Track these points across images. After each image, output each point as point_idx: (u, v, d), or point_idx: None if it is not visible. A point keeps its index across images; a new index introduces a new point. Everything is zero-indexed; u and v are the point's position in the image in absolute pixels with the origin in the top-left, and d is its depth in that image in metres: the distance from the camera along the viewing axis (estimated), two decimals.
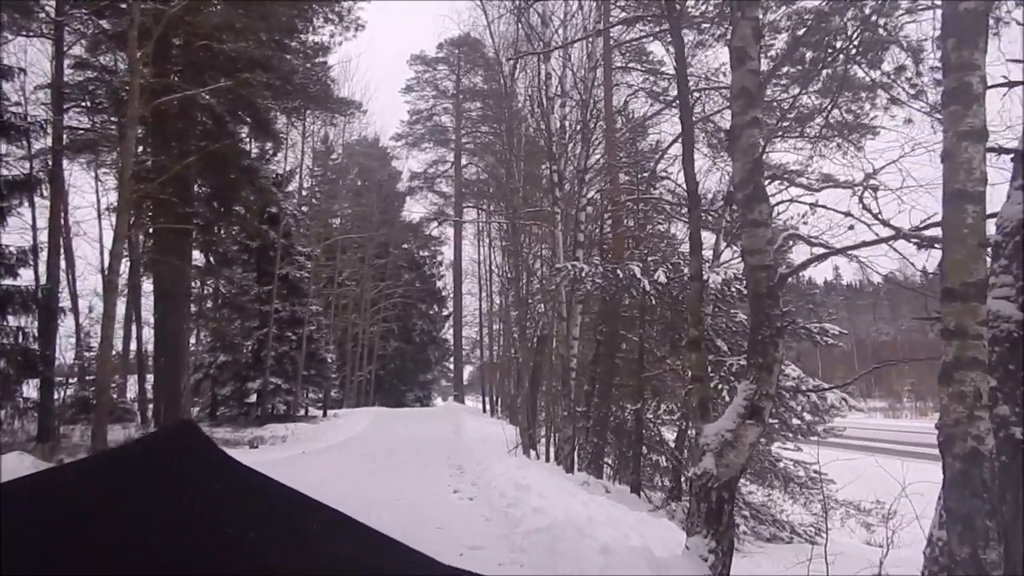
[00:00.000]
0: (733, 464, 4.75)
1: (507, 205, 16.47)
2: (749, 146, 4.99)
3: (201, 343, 26.24)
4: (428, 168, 45.91)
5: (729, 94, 5.29)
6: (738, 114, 5.07)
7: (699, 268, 5.29)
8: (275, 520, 0.73)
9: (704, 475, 4.75)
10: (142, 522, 0.65)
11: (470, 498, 7.26)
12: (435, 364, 45.88)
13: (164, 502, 0.68)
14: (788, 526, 9.85)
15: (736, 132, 5.05)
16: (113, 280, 11.96)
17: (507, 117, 15.15)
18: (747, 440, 4.73)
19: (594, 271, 9.72)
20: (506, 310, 28.91)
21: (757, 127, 5.07)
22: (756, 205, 4.94)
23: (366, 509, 6.67)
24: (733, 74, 5.18)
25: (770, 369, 4.76)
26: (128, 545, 0.63)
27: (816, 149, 10.26)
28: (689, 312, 5.36)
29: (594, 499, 7.17)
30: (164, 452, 0.77)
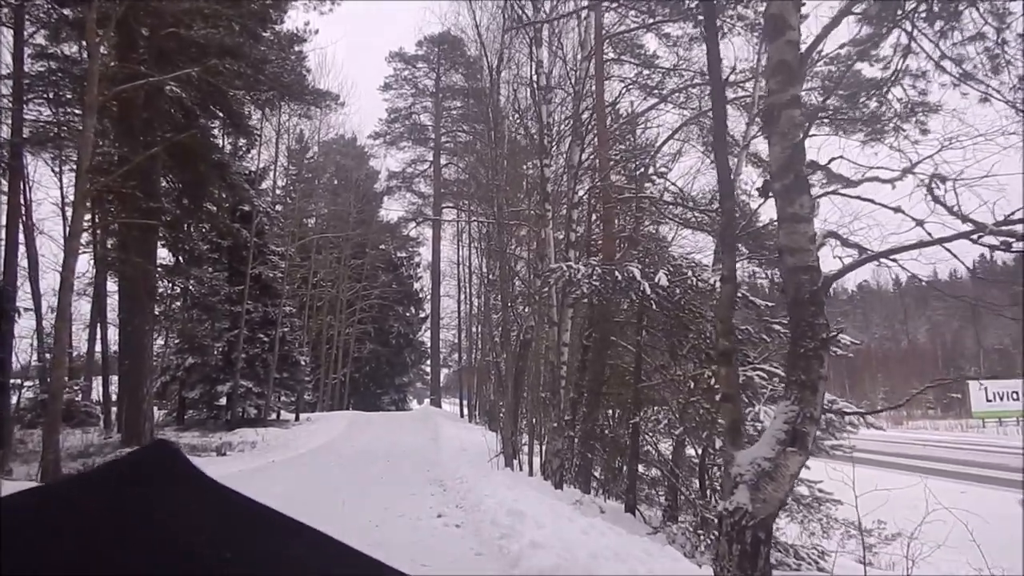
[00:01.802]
0: (771, 499, 4.07)
1: (491, 204, 15.73)
2: (789, 128, 4.33)
3: (169, 345, 25.27)
4: (407, 167, 45.13)
5: (765, 70, 4.62)
6: (776, 92, 4.41)
7: (733, 268, 4.61)
8: (255, 543, 0.69)
9: (737, 512, 4.07)
10: (116, 548, 0.62)
11: (457, 525, 6.47)
12: (411, 367, 45.12)
13: (139, 527, 0.64)
14: (791, 550, 9.22)
15: (773, 112, 4.38)
16: (68, 278, 11.04)
17: (492, 111, 14.41)
18: (788, 471, 4.06)
19: (590, 272, 9.04)
20: (486, 313, 28.21)
21: (797, 107, 4.41)
22: (796, 197, 4.27)
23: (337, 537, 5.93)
24: (769, 47, 4.52)
25: (814, 388, 4.09)
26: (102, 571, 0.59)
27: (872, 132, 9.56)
28: (719, 319, 4.68)
29: (592, 524, 6.48)
30: (139, 474, 0.71)
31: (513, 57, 14.95)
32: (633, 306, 9.95)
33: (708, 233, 13.47)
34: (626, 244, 13.49)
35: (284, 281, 25.53)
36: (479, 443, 18.48)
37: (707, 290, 8.70)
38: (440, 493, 8.51)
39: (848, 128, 11.38)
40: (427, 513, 7.05)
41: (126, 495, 0.69)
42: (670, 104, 14.23)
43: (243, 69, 15.84)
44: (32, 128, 17.73)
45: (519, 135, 20.10)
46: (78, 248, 11.44)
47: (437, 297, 42.57)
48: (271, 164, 28.01)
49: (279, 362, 24.35)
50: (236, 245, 23.23)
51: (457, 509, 7.21)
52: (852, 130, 11.39)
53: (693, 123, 13.93)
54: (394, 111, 44.91)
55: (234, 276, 23.51)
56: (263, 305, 24.28)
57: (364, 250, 38.26)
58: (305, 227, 32.92)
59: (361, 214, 36.29)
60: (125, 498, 0.69)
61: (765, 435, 4.24)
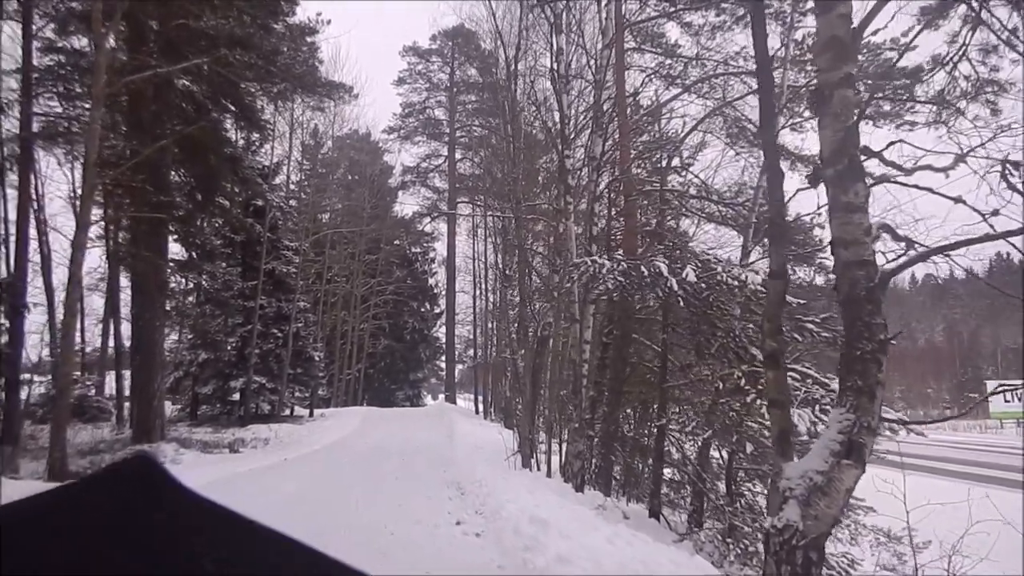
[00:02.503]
0: (824, 516, 3.70)
1: (509, 198, 15.36)
2: (842, 109, 3.94)
3: (183, 340, 25.10)
4: (421, 162, 44.78)
5: (814, 45, 4.23)
6: (826, 70, 4.02)
7: (783, 262, 4.23)
8: (242, 559, 0.69)
9: (787, 529, 3.70)
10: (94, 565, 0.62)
11: (476, 534, 6.09)
12: (426, 363, 44.89)
13: (118, 543, 0.64)
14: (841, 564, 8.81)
15: (825, 92, 3.99)
16: (76, 273, 10.80)
17: (509, 102, 14.00)
18: (843, 485, 3.69)
19: (616, 267, 8.65)
20: (502, 308, 27.88)
21: (850, 86, 4.02)
22: (851, 184, 3.89)
23: (349, 547, 5.61)
24: (819, 20, 4.13)
25: (871, 394, 3.71)
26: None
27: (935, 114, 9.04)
28: (767, 318, 4.30)
29: (617, 533, 6.12)
30: (117, 490, 0.71)
31: (530, 48, 14.62)
32: (658, 303, 9.54)
33: (732, 227, 13.09)
34: (648, 239, 13.07)
35: (298, 276, 25.29)
36: (495, 441, 18.15)
37: (736, 287, 8.31)
38: (458, 497, 8.16)
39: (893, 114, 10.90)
40: (445, 519, 6.70)
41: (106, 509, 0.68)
42: (693, 94, 13.81)
43: (254, 60, 15.55)
44: (42, 123, 17.56)
45: (535, 128, 19.73)
46: (86, 242, 11.18)
47: (452, 293, 42.29)
48: (284, 159, 27.76)
49: (293, 358, 24.14)
50: (249, 240, 23.03)
51: (476, 515, 6.84)
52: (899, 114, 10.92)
53: (717, 114, 13.51)
54: (408, 105, 44.65)
55: (247, 271, 23.31)
56: (277, 300, 24.07)
57: (378, 245, 38.03)
58: (319, 222, 32.70)
59: (375, 209, 36.07)
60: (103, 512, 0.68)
61: (817, 446, 3.87)
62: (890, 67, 10.32)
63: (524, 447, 12.51)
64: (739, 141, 14.14)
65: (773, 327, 4.22)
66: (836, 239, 3.93)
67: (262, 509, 6.58)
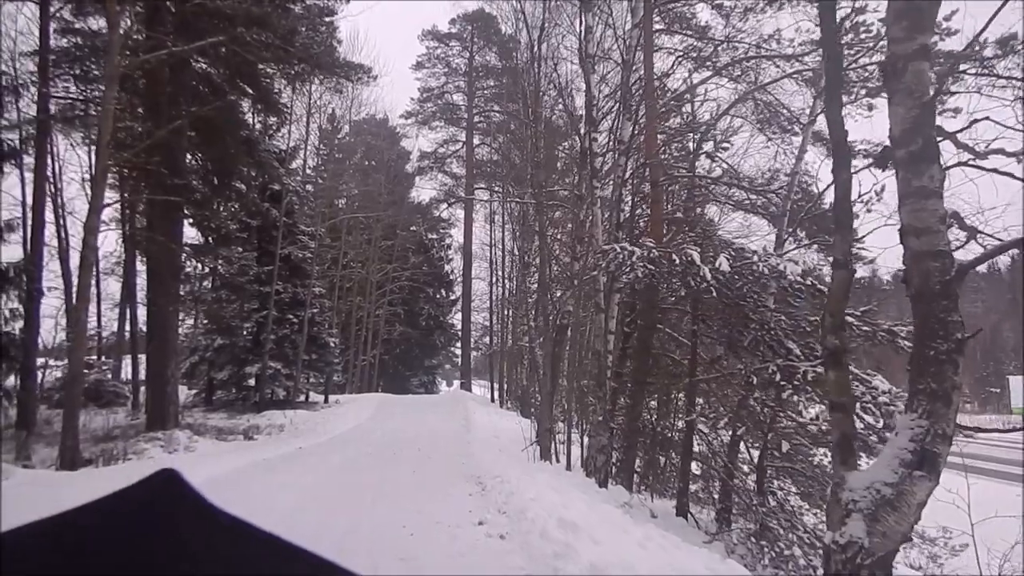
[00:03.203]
0: (893, 532, 3.36)
1: (527, 184, 14.98)
2: (917, 84, 3.56)
3: (199, 325, 24.99)
4: (438, 148, 44.33)
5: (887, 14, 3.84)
6: (900, 40, 3.63)
7: (848, 251, 3.85)
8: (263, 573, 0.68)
9: (850, 546, 3.36)
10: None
11: (501, 536, 5.71)
12: (441, 349, 44.71)
13: (143, 561, 0.63)
14: None
15: (897, 65, 3.61)
16: (88, 257, 10.57)
17: (533, 83, 13.58)
18: (914, 499, 3.33)
19: (646, 255, 8.27)
20: (519, 296, 27.58)
21: (927, 58, 3.64)
22: (925, 167, 3.51)
23: (369, 550, 5.32)
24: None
25: (948, 399, 3.35)
26: None
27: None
28: (829, 312, 3.93)
29: (649, 536, 5.80)
30: (143, 505, 0.70)
31: (553, 30, 14.21)
32: (688, 293, 9.16)
33: (762, 216, 12.66)
34: (674, 227, 12.67)
35: (314, 262, 25.08)
36: (512, 430, 17.87)
37: (773, 277, 7.93)
38: (479, 494, 7.83)
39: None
40: (466, 519, 6.35)
41: (130, 527, 0.68)
42: (723, 78, 13.33)
43: (271, 40, 15.21)
44: (59, 105, 17.39)
45: (555, 113, 19.34)
46: (99, 226, 10.94)
47: (468, 279, 41.95)
48: (301, 143, 27.49)
49: (308, 343, 23.98)
50: (265, 225, 22.87)
51: (500, 515, 6.48)
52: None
53: (749, 98, 13.04)
54: (426, 90, 44.17)
55: (263, 256, 23.15)
56: (292, 286, 23.90)
57: (395, 231, 37.83)
58: (335, 207, 32.49)
59: (392, 195, 35.82)
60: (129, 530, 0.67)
61: (884, 454, 3.52)
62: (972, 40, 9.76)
63: (543, 439, 12.20)
64: (771, 127, 13.71)
65: (836, 322, 3.85)
66: (907, 227, 3.56)
67: (278, 506, 6.29)
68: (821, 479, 8.75)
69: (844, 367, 3.91)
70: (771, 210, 12.69)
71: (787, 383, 7.80)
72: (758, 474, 8.81)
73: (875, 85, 11.71)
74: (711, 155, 12.45)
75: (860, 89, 12.18)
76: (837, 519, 3.51)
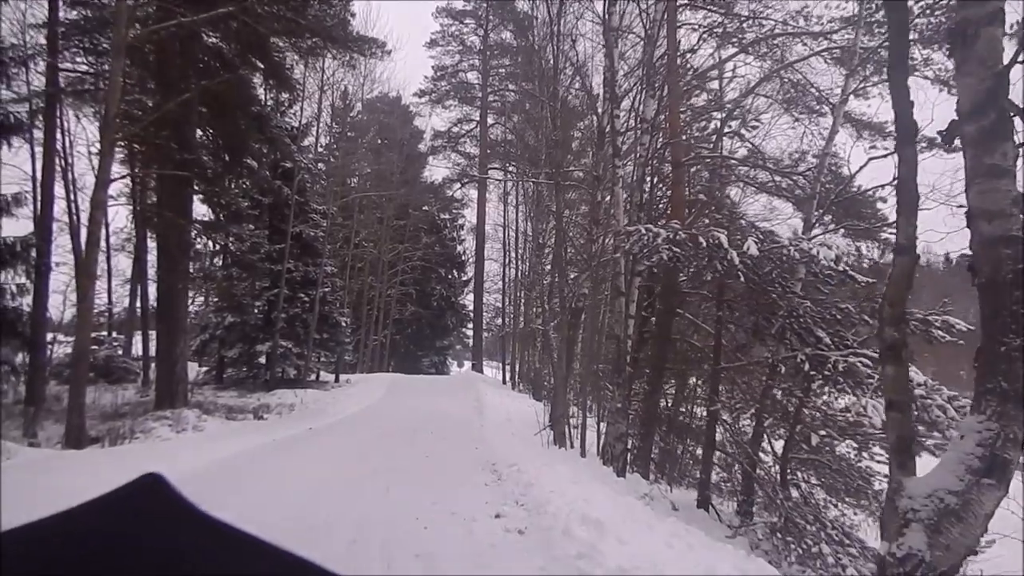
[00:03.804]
0: (957, 546, 3.05)
1: (542, 164, 14.60)
2: (989, 52, 3.21)
3: (210, 303, 24.85)
4: (452, 127, 43.87)
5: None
6: (971, 4, 3.29)
7: (913, 236, 3.52)
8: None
9: (909, 559, 3.06)
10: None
11: (520, 531, 5.40)
12: (452, 330, 44.54)
13: (128, 566, 0.64)
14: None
15: (968, 32, 3.26)
16: (95, 232, 10.32)
17: (552, 58, 13.14)
18: (982, 509, 3.03)
19: (672, 237, 7.92)
20: (531, 278, 27.29)
21: (1000, 23, 3.29)
22: (998, 144, 3.17)
23: (383, 543, 5.06)
24: None
25: (1020, 399, 3.04)
26: None
27: None
28: (889, 302, 3.60)
29: (675, 533, 5.52)
30: (126, 511, 0.72)
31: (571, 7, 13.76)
32: (715, 277, 8.79)
33: (787, 199, 12.26)
34: (695, 209, 12.28)
35: (325, 240, 24.83)
36: (525, 414, 17.65)
37: (804, 262, 7.59)
38: (495, 483, 7.54)
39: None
40: (483, 511, 6.04)
41: (114, 532, 0.68)
42: (750, 55, 12.83)
43: (283, 12, 14.85)
44: (68, 79, 17.13)
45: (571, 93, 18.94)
46: (105, 200, 10.68)
47: (481, 260, 41.62)
48: (314, 120, 27.15)
49: (319, 322, 23.80)
50: (277, 203, 22.65)
51: (518, 508, 6.17)
52: None
53: (775, 77, 12.58)
54: (440, 68, 43.63)
55: (275, 234, 22.95)
56: (304, 264, 23.70)
57: (407, 211, 37.61)
58: (348, 186, 32.21)
59: (404, 174, 35.49)
60: (113, 535, 0.68)
61: (947, 459, 3.20)
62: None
63: (559, 424, 11.94)
64: (797, 107, 13.25)
65: (896, 313, 3.52)
66: (976, 210, 3.23)
67: (289, 492, 6.01)
68: (847, 472, 8.44)
69: (903, 362, 3.59)
70: (796, 193, 12.29)
71: (817, 373, 7.48)
72: (782, 466, 8.50)
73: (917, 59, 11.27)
74: (739, 134, 12.03)
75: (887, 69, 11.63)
76: (894, 529, 3.22)
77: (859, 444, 8.36)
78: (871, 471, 8.60)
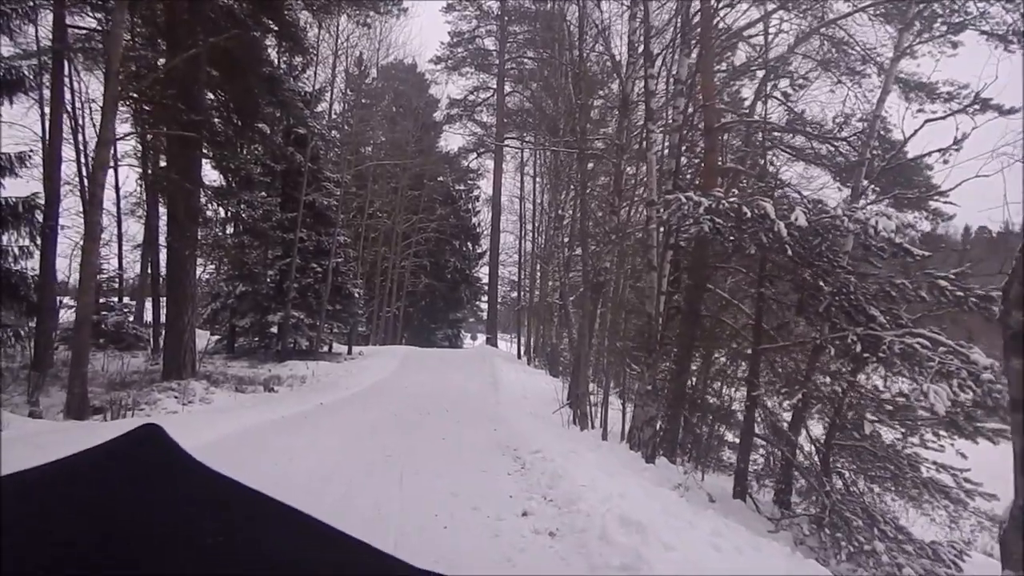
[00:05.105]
0: None
1: (570, 131, 13.89)
2: None
3: (221, 271, 24.43)
4: (468, 95, 43.01)
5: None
6: None
7: None
8: (242, 529, 0.69)
9: None
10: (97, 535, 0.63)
11: (551, 533, 4.78)
12: (467, 303, 44.12)
13: (122, 513, 0.66)
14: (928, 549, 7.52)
15: None
16: (97, 194, 9.76)
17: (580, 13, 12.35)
18: None
19: (715, 206, 7.24)
20: (548, 250, 26.69)
21: None
22: None
23: (395, 543, 4.52)
24: None
25: None
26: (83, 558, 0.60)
27: None
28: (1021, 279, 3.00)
29: (719, 531, 4.96)
30: (124, 459, 0.74)
31: None
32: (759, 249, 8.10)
33: (826, 166, 11.51)
34: (729, 178, 11.54)
35: (339, 210, 24.29)
36: (542, 390, 17.16)
37: (855, 232, 6.95)
38: (518, 472, 6.91)
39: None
40: (507, 507, 5.44)
41: (113, 481, 0.68)
42: (791, 10, 11.95)
43: None
44: (75, 36, 16.58)
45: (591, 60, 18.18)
46: (108, 160, 10.12)
47: (497, 232, 40.97)
48: (327, 86, 26.46)
49: (332, 293, 23.39)
50: (290, 170, 22.18)
51: (546, 504, 5.52)
52: None
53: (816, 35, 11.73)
54: (457, 34, 42.69)
55: (287, 202, 22.47)
56: (316, 234, 23.23)
57: (421, 181, 37.10)
58: (362, 154, 31.61)
59: (419, 143, 34.86)
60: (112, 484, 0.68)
61: None
62: None
63: (581, 404, 11.40)
64: (838, 68, 12.41)
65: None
66: None
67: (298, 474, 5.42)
68: (894, 459, 7.84)
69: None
70: (837, 160, 11.56)
71: (871, 355, 6.86)
72: (825, 454, 7.91)
73: (959, 19, 10.46)
74: (785, 94, 11.28)
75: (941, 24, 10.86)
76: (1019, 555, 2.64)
77: (907, 429, 7.79)
78: (918, 457, 8.02)
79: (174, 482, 0.70)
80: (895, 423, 7.70)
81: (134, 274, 28.01)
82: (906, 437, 7.97)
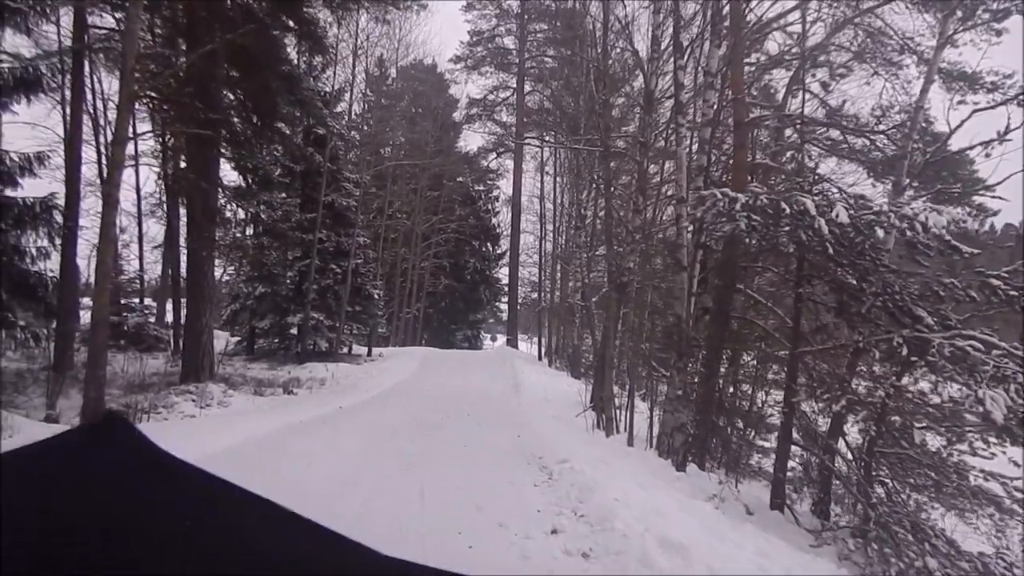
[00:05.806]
0: None
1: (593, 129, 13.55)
2: None
3: (241, 273, 24.35)
4: (488, 94, 42.72)
5: None
6: None
7: None
8: (208, 518, 0.68)
9: None
10: (59, 525, 0.61)
11: (584, 554, 4.40)
12: (486, 304, 43.88)
13: (84, 503, 0.64)
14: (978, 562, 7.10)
15: None
16: (112, 194, 9.55)
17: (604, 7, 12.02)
18: None
19: (752, 203, 6.87)
20: (570, 251, 26.33)
21: None
22: None
23: None
24: None
25: None
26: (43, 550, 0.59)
27: None
28: None
29: (764, 551, 4.60)
30: (86, 449, 0.72)
31: None
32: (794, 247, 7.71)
33: (861, 161, 11.09)
34: (759, 175, 11.13)
35: (358, 210, 24.13)
36: (564, 393, 16.85)
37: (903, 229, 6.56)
38: (545, 483, 6.54)
39: None
40: (535, 523, 5.09)
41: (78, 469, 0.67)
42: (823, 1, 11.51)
43: None
44: (95, 36, 16.54)
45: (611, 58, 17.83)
46: (123, 159, 9.90)
47: (517, 232, 40.56)
48: (347, 86, 26.32)
49: (351, 294, 23.25)
50: (309, 170, 22.06)
51: (577, 519, 5.11)
52: None
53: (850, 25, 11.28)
54: (476, 33, 42.39)
55: (307, 203, 22.35)
56: (336, 234, 23.10)
57: (441, 182, 36.94)
58: (381, 155, 31.47)
59: (439, 144, 34.68)
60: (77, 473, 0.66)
61: None
62: None
63: (607, 410, 11.05)
64: (874, 59, 11.96)
65: None
66: None
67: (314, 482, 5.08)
68: (940, 468, 7.42)
69: None
70: (873, 155, 11.11)
71: (919, 358, 6.47)
72: (866, 462, 7.50)
73: (1004, 5, 10.01)
74: (823, 85, 10.87)
75: (983, 12, 10.40)
76: None
77: (954, 436, 7.37)
78: (965, 465, 7.58)
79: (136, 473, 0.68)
80: (942, 432, 7.28)
81: (155, 275, 28.07)
82: (952, 444, 7.55)
